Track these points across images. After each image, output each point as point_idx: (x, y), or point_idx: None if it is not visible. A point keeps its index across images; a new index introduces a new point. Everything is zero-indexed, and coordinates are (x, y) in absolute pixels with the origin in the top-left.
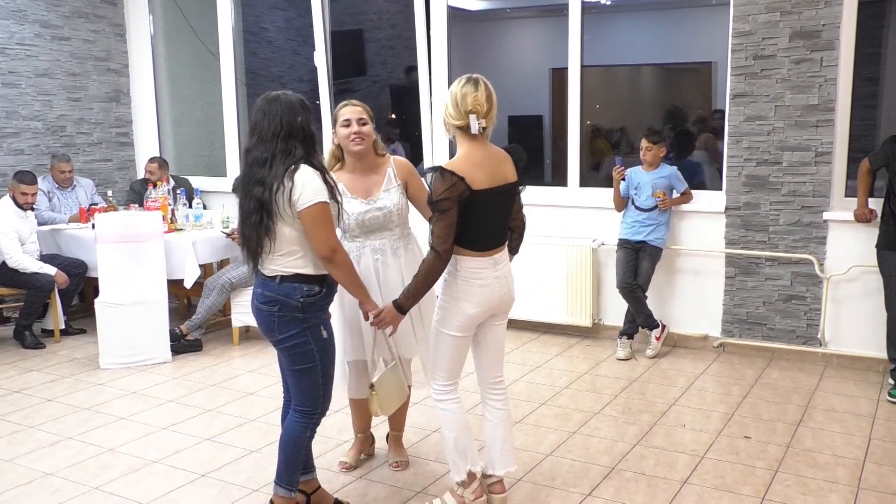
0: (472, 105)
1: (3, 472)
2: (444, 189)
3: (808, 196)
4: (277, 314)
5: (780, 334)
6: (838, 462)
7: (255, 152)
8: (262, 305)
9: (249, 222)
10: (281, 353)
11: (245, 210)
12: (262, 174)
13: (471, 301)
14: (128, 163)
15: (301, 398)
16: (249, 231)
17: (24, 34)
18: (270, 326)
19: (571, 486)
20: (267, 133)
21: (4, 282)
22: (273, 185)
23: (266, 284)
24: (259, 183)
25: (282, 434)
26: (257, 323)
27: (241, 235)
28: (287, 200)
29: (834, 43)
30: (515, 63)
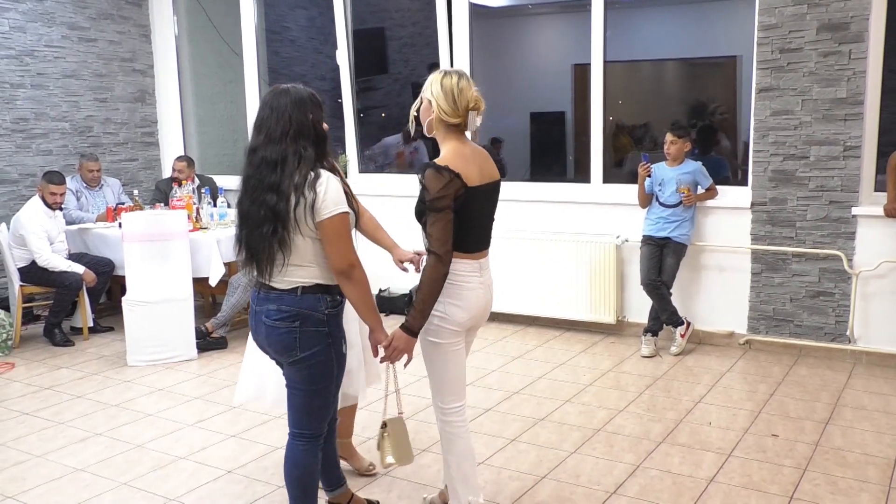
0: (472, 101)
1: (35, 467)
2: (440, 186)
3: (837, 191)
4: (299, 330)
5: (807, 331)
6: (869, 461)
7: (262, 152)
8: (279, 322)
9: (259, 233)
10: (297, 371)
11: (253, 218)
12: (273, 179)
13: (460, 306)
14: (153, 162)
15: (309, 420)
16: (257, 242)
17: (52, 36)
18: (290, 344)
19: (596, 484)
20: (275, 131)
21: (34, 280)
22: (290, 195)
23: (282, 298)
24: (272, 189)
25: (290, 469)
26: (267, 343)
27: (245, 246)
28: (308, 210)
29: (862, 35)
30: (537, 59)
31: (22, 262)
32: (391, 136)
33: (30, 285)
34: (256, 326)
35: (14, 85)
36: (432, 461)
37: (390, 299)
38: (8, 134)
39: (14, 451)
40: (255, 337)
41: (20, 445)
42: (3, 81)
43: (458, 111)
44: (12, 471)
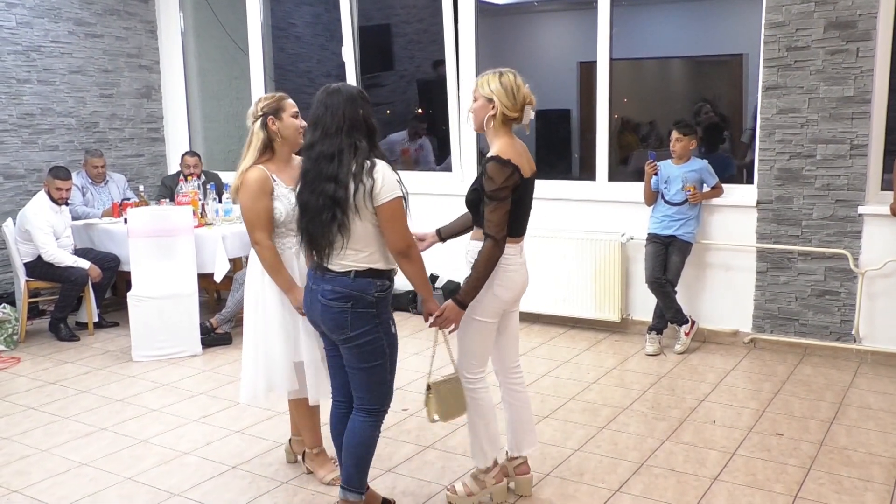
0: (528, 96)
1: (40, 461)
2: (504, 178)
3: (843, 190)
4: (350, 310)
5: (812, 330)
6: (874, 460)
7: (319, 147)
8: (333, 302)
9: (319, 219)
10: (349, 350)
11: (312, 207)
12: (331, 170)
13: (505, 286)
14: (159, 158)
15: (369, 396)
16: (317, 228)
17: (58, 32)
18: (341, 323)
19: (600, 482)
20: (331, 127)
21: (40, 275)
22: (349, 182)
23: (337, 280)
24: (330, 180)
25: (348, 437)
26: (321, 321)
27: (304, 232)
28: (368, 196)
29: (870, 33)
30: (543, 57)
31: (28, 258)
32: (396, 132)
33: (35, 280)
34: (311, 304)
35: (21, 80)
36: (436, 458)
37: (394, 296)
38: (14, 129)
39: (20, 445)
40: (310, 314)
41: (26, 439)
42: (10, 77)
43: (517, 106)
44: (18, 465)
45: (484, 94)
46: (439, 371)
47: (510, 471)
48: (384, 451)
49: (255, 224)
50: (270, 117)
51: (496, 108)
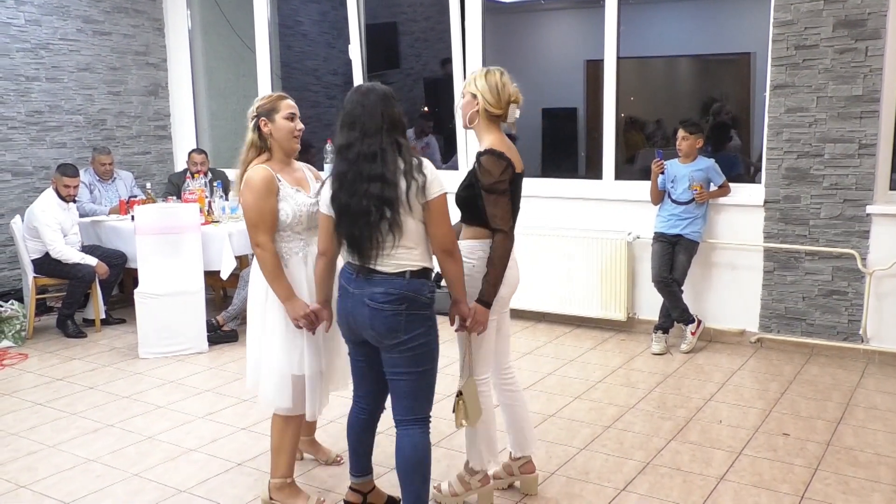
0: (514, 95)
1: (47, 457)
2: (501, 170)
3: (851, 189)
4: (406, 313)
5: (819, 330)
6: (881, 461)
7: (359, 147)
8: (385, 305)
9: (365, 220)
10: (400, 355)
11: (353, 209)
12: (375, 170)
13: (504, 283)
14: (166, 155)
15: (418, 403)
16: (362, 229)
17: (66, 30)
18: (395, 327)
19: (605, 481)
20: (370, 127)
21: (47, 272)
22: (398, 180)
23: (390, 281)
24: (374, 179)
25: (409, 457)
26: (369, 325)
27: (346, 236)
28: (420, 192)
29: (880, 32)
30: (550, 55)
31: (35, 254)
32: None
33: (43, 277)
34: (354, 309)
35: (29, 78)
36: (441, 456)
37: None
38: (23, 126)
39: (27, 441)
40: (349, 319)
41: (33, 436)
42: (19, 74)
43: (501, 103)
44: (25, 460)
45: (470, 91)
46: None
47: (515, 470)
48: (389, 448)
49: (258, 225)
50: (263, 119)
51: (479, 104)
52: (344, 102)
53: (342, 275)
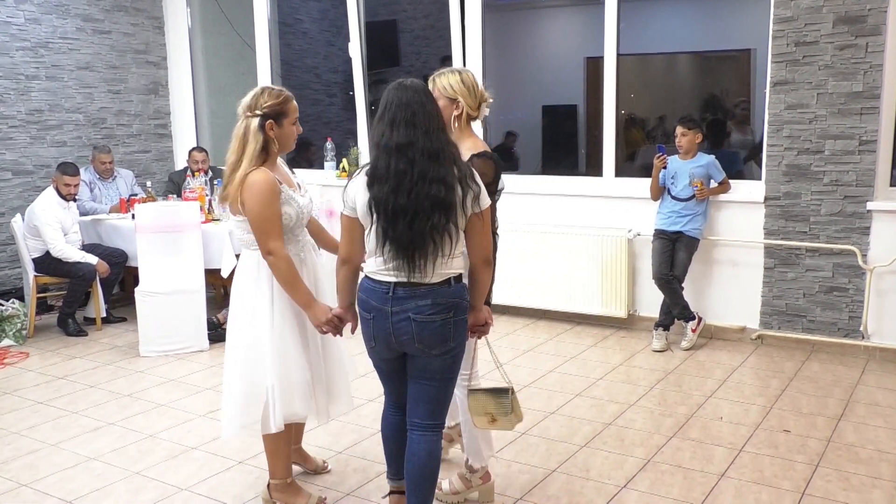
0: (484, 95)
1: (48, 455)
2: (494, 171)
3: (851, 185)
4: (454, 320)
5: (820, 326)
6: (882, 457)
7: (421, 144)
8: (435, 316)
9: (419, 226)
10: (443, 362)
11: (411, 212)
12: (436, 171)
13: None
14: (166, 154)
15: (442, 409)
16: (416, 235)
17: (66, 28)
18: (445, 335)
19: (606, 478)
20: (430, 126)
21: (48, 271)
22: (456, 186)
23: (437, 291)
24: (436, 181)
25: (424, 462)
26: (418, 339)
27: (394, 240)
28: (475, 202)
29: (880, 28)
30: (550, 52)
31: (36, 253)
32: None
33: (44, 276)
34: (397, 327)
35: (29, 76)
36: None
37: None
38: (23, 125)
39: (28, 439)
40: (392, 339)
41: (34, 434)
42: (19, 73)
43: (477, 104)
44: (26, 459)
45: (447, 95)
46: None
47: (475, 482)
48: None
49: (269, 232)
50: (270, 122)
51: (461, 107)
52: (391, 97)
53: (367, 294)
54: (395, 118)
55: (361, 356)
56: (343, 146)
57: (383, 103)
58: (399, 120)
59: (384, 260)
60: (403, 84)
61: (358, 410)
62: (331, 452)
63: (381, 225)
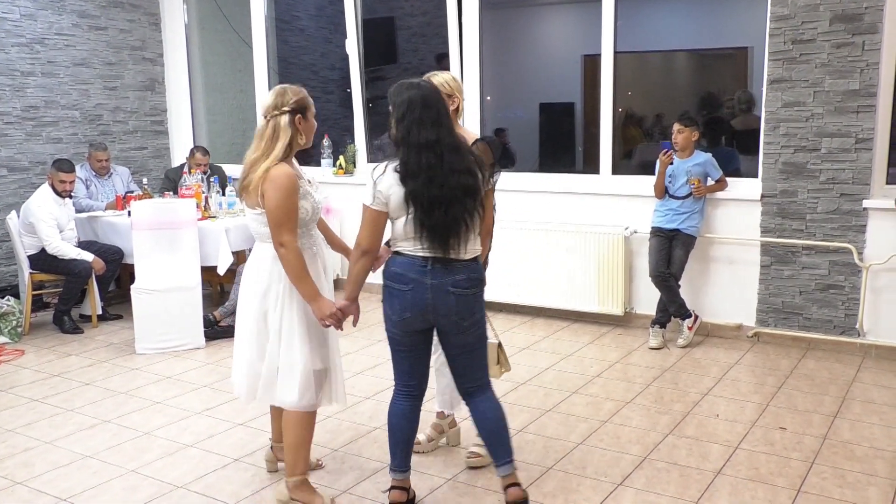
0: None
1: (44, 453)
2: (494, 155)
3: (848, 183)
4: (479, 293)
5: (816, 324)
6: (877, 454)
7: (446, 139)
8: (468, 290)
9: (455, 210)
10: (472, 332)
11: (445, 200)
12: (461, 163)
13: None
14: (163, 151)
15: (486, 369)
16: (451, 221)
17: (62, 24)
18: (473, 307)
19: (602, 476)
20: (448, 123)
21: (44, 268)
22: (477, 171)
23: (470, 267)
24: (464, 172)
25: (495, 417)
26: (455, 311)
27: (430, 228)
28: (487, 181)
29: (877, 26)
30: (547, 50)
31: (32, 250)
32: None
33: (39, 273)
34: (436, 298)
35: (24, 73)
36: (438, 450)
37: None
38: (18, 122)
39: (23, 437)
40: (429, 309)
41: (30, 432)
42: (14, 69)
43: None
44: (22, 457)
45: (445, 91)
46: None
47: (445, 427)
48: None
49: (284, 223)
50: (299, 116)
51: (457, 102)
52: (412, 97)
53: (403, 268)
54: (421, 117)
55: (355, 355)
56: (340, 143)
57: (403, 102)
58: (426, 119)
59: (423, 241)
60: (418, 84)
61: (354, 408)
62: (326, 450)
63: (417, 215)
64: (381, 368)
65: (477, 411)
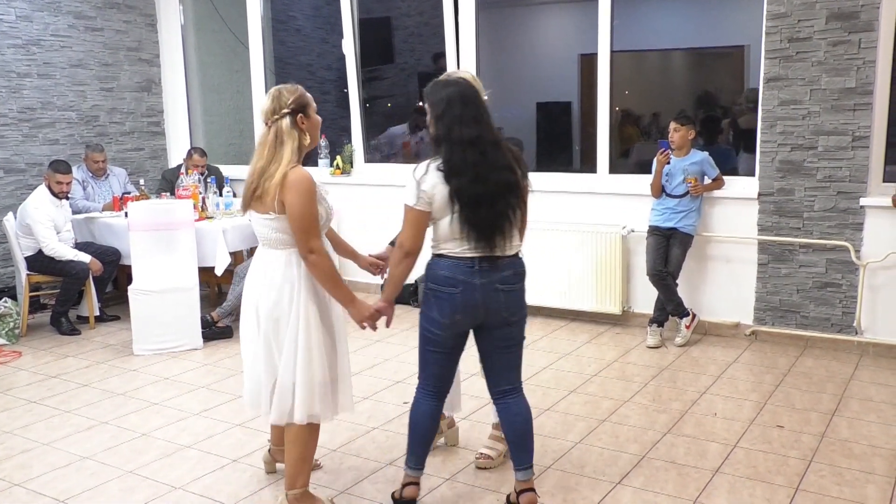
0: None
1: (41, 455)
2: None
3: (845, 181)
4: (524, 287)
5: (814, 322)
6: (875, 452)
7: (488, 136)
8: (515, 285)
9: (500, 206)
10: (517, 327)
11: (489, 197)
12: (502, 159)
13: None
14: (159, 152)
15: (520, 372)
16: (496, 217)
17: (58, 25)
18: (521, 301)
19: (601, 475)
20: (488, 120)
21: (41, 269)
22: (517, 169)
23: (515, 263)
24: (505, 168)
25: (524, 421)
26: (505, 308)
27: (475, 225)
28: (524, 177)
29: (873, 24)
30: (544, 49)
31: (29, 252)
32: (397, 125)
33: (37, 274)
34: (486, 298)
35: (21, 74)
36: (436, 451)
37: None
38: (15, 123)
39: (21, 438)
40: (479, 309)
41: (27, 433)
42: (10, 71)
43: None
44: (19, 458)
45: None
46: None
47: (444, 427)
48: (385, 443)
49: (312, 229)
50: (300, 115)
51: None
52: (451, 94)
53: (451, 270)
54: (462, 114)
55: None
56: (337, 143)
57: (442, 100)
58: (466, 116)
59: (467, 240)
60: (456, 81)
61: None
62: (325, 450)
63: (463, 212)
64: (380, 369)
65: (509, 412)
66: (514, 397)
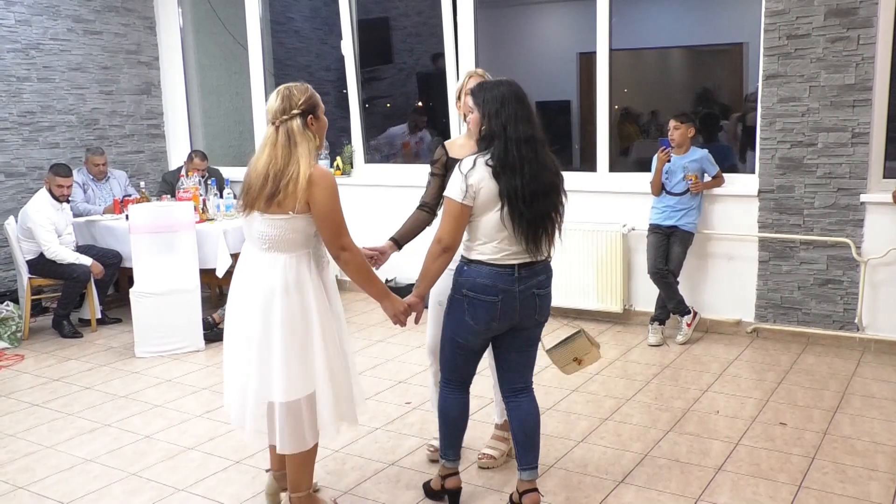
0: None
1: (45, 458)
2: None
3: (845, 178)
4: (552, 289)
5: (815, 319)
6: (878, 449)
7: (540, 136)
8: (548, 288)
9: (546, 206)
10: (541, 326)
11: (536, 194)
12: (549, 160)
13: None
14: (159, 154)
15: (532, 372)
16: (544, 219)
17: (57, 29)
18: (549, 304)
19: (604, 473)
20: (536, 118)
21: (42, 273)
22: (559, 170)
23: (546, 267)
24: (551, 168)
25: (533, 422)
26: (539, 311)
27: (524, 224)
28: (563, 181)
29: (871, 20)
30: (543, 48)
31: (30, 255)
32: (396, 126)
33: (38, 277)
34: (524, 304)
35: (20, 78)
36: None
37: (397, 290)
38: (15, 127)
39: (24, 441)
40: (516, 315)
41: (30, 436)
42: (10, 75)
43: None
44: (23, 461)
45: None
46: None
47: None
48: (387, 444)
49: (342, 227)
50: (311, 116)
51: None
52: (504, 93)
53: (492, 279)
54: (517, 112)
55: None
56: (337, 144)
57: (496, 98)
58: (521, 114)
59: (507, 243)
60: (508, 81)
61: None
62: (327, 451)
63: (511, 210)
64: (381, 369)
65: (521, 410)
66: (525, 396)
